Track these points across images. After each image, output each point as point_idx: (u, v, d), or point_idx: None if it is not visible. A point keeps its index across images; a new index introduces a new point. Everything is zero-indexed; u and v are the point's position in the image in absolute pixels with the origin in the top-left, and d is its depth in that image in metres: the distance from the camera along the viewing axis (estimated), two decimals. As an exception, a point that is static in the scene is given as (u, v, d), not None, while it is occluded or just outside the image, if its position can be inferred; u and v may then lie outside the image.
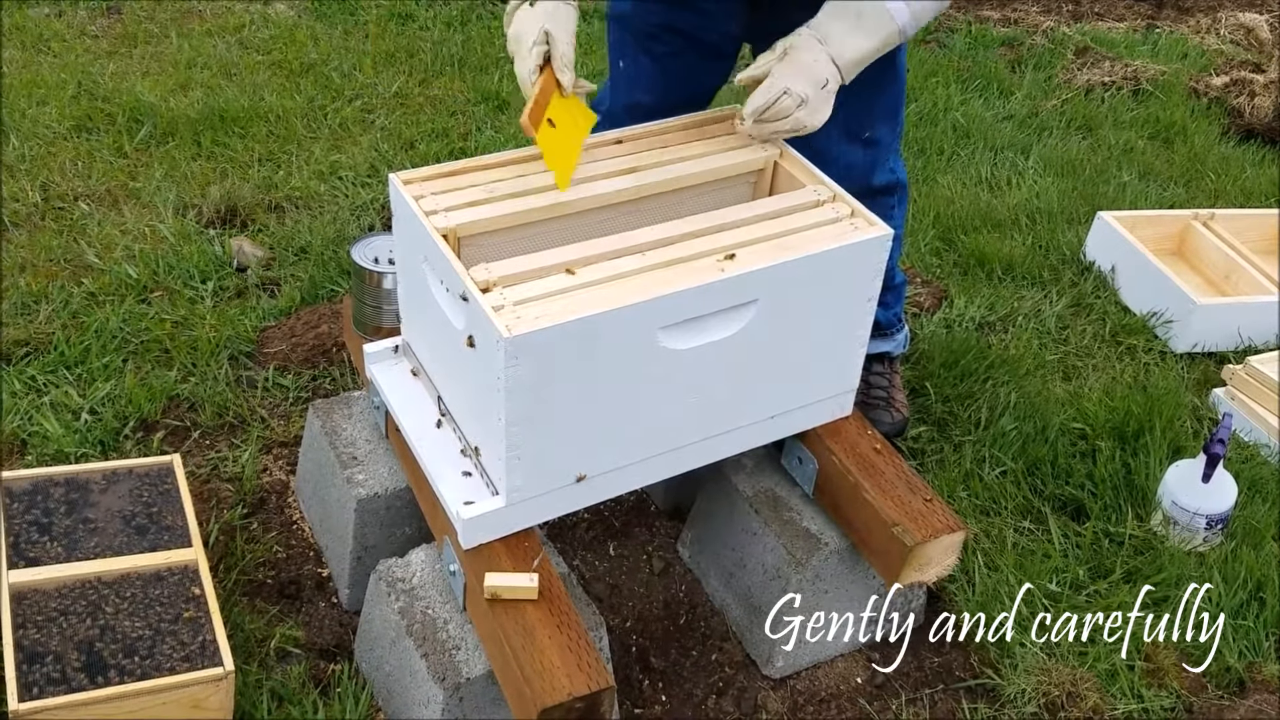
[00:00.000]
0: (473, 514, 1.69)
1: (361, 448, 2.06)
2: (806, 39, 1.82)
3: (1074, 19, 4.84)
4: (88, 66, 3.75)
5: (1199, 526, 2.24)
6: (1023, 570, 2.17)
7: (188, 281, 2.78)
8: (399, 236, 1.83)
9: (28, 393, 2.40)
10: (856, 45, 1.82)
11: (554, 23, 1.78)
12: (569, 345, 1.57)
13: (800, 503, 2.03)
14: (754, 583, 2.03)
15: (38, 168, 3.18)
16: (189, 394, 2.46)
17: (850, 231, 1.77)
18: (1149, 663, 2.04)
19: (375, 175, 3.28)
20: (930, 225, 3.24)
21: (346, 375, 2.54)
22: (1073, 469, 2.40)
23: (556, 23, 1.78)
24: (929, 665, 2.08)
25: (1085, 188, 3.52)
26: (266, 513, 2.23)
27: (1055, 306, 2.95)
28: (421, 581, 1.84)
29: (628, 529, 2.28)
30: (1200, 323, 2.83)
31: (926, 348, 2.73)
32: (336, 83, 3.78)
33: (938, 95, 4.01)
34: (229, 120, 3.46)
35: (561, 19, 1.80)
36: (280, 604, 2.07)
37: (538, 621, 1.64)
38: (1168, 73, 4.28)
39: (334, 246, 2.93)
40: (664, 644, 2.07)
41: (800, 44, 1.82)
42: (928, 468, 2.40)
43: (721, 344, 1.71)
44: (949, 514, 1.86)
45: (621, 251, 1.69)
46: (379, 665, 1.88)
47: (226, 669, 1.75)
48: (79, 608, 1.82)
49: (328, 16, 4.33)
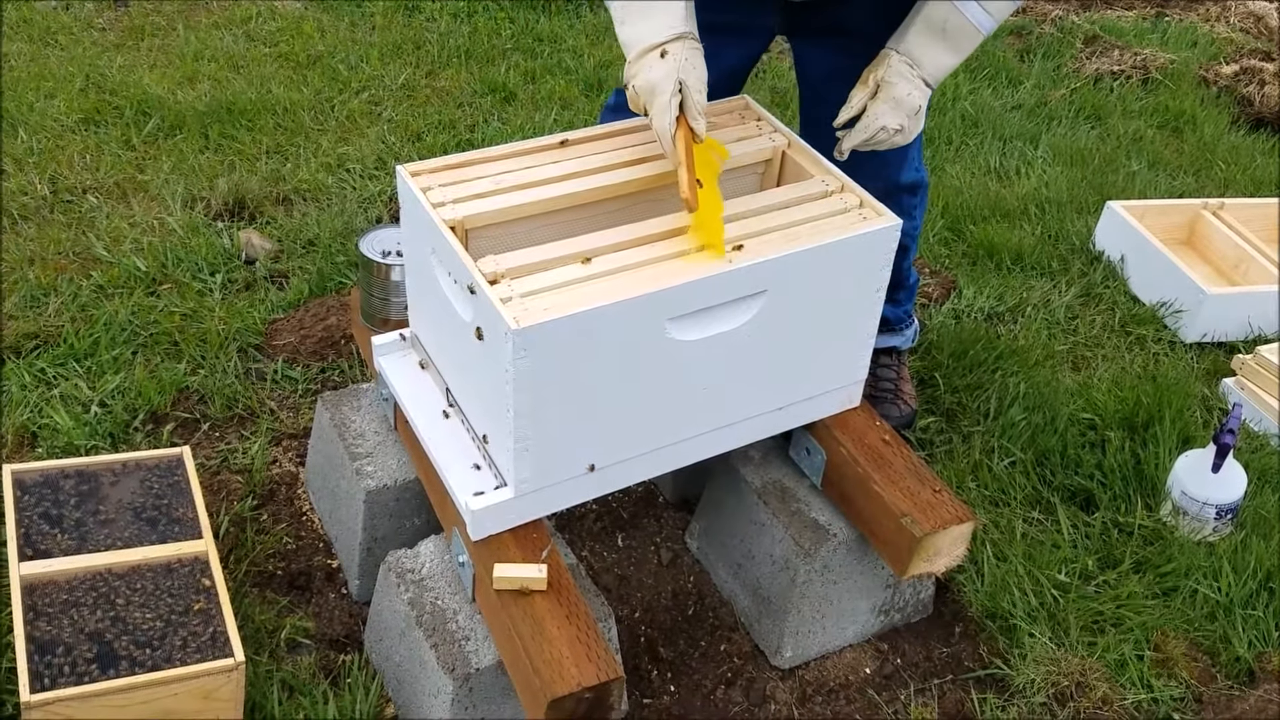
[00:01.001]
0: (481, 505, 1.69)
1: (370, 439, 2.06)
2: (897, 66, 1.81)
3: (1083, 7, 4.82)
4: (95, 59, 3.75)
5: (1209, 516, 2.23)
6: (1032, 560, 2.17)
7: (196, 274, 2.79)
8: (406, 228, 1.83)
9: (37, 385, 2.41)
10: (946, 64, 1.84)
11: (688, 72, 1.70)
12: (577, 337, 1.57)
13: (808, 494, 2.03)
14: (762, 574, 2.03)
15: (46, 161, 3.18)
16: (198, 386, 2.46)
17: (859, 222, 1.77)
18: (1158, 652, 2.04)
19: (382, 167, 3.28)
20: (939, 215, 3.23)
21: (355, 367, 2.54)
22: (1082, 459, 2.40)
23: (690, 72, 1.71)
24: (938, 655, 2.08)
25: (1094, 177, 3.51)
26: (276, 504, 2.24)
27: (1064, 296, 2.95)
28: (431, 572, 1.85)
29: (636, 520, 2.28)
30: (1210, 312, 2.82)
31: (935, 338, 2.72)
32: (343, 75, 3.78)
33: (946, 84, 3.99)
34: (236, 113, 3.47)
35: (696, 68, 1.72)
36: (290, 595, 2.07)
37: (546, 612, 1.64)
38: (1177, 61, 4.25)
39: (342, 239, 2.93)
40: (672, 635, 2.08)
41: (892, 76, 1.81)
42: (936, 458, 2.40)
43: (729, 335, 1.71)
44: (958, 504, 1.86)
45: (629, 243, 1.69)
46: (389, 656, 1.88)
47: (237, 660, 1.76)
48: (90, 599, 1.82)
49: (334, 8, 4.32)
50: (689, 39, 1.73)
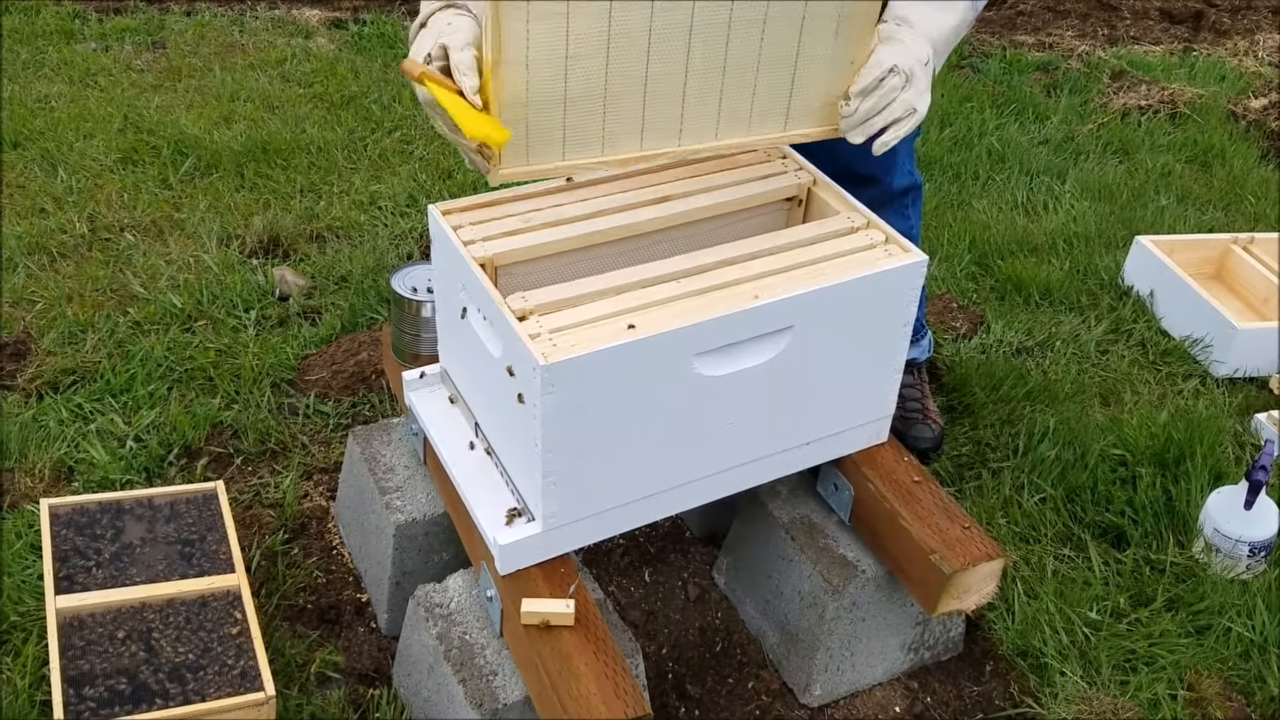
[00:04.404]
0: (509, 540, 1.70)
1: (400, 474, 2.08)
2: (892, 26, 1.78)
3: (1109, 43, 4.83)
4: (133, 100, 3.83)
5: (1242, 554, 2.21)
6: (1063, 598, 2.15)
7: (231, 310, 2.83)
8: (437, 265, 1.85)
9: (74, 420, 2.45)
10: (940, 21, 1.80)
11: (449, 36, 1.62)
12: (605, 372, 1.58)
13: (836, 529, 2.02)
14: (790, 610, 2.02)
15: (85, 199, 3.25)
16: (232, 421, 2.50)
17: (884, 258, 1.78)
18: (1192, 692, 2.01)
19: (414, 205, 3.33)
20: (966, 250, 3.23)
21: (385, 402, 2.57)
22: (1113, 495, 2.38)
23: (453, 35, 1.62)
24: (968, 694, 2.06)
25: (1123, 212, 3.50)
26: (307, 538, 2.26)
27: (1094, 331, 2.93)
28: (459, 607, 1.86)
29: (663, 555, 2.29)
30: (1241, 347, 2.80)
31: (963, 373, 2.72)
32: (376, 114, 3.84)
33: (973, 120, 4.01)
34: (271, 152, 3.53)
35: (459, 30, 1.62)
36: (320, 629, 2.09)
37: (574, 648, 1.65)
38: (1205, 95, 4.25)
39: (373, 275, 2.97)
40: (700, 671, 2.07)
41: (889, 31, 1.78)
42: (966, 494, 2.39)
43: (756, 370, 1.72)
44: (987, 541, 1.85)
45: (656, 279, 1.70)
46: (417, 690, 1.89)
47: (268, 694, 1.77)
48: (123, 632, 1.85)
49: (367, 50, 4.40)
50: (451, 9, 1.68)
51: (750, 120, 1.76)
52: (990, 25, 4.96)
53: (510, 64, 1.57)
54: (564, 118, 1.63)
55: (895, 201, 2.24)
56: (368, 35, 4.51)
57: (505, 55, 1.56)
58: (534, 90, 1.60)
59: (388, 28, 4.56)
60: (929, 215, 3.40)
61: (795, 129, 1.82)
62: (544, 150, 1.66)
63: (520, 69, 1.58)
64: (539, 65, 1.58)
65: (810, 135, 1.84)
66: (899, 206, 2.26)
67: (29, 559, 2.10)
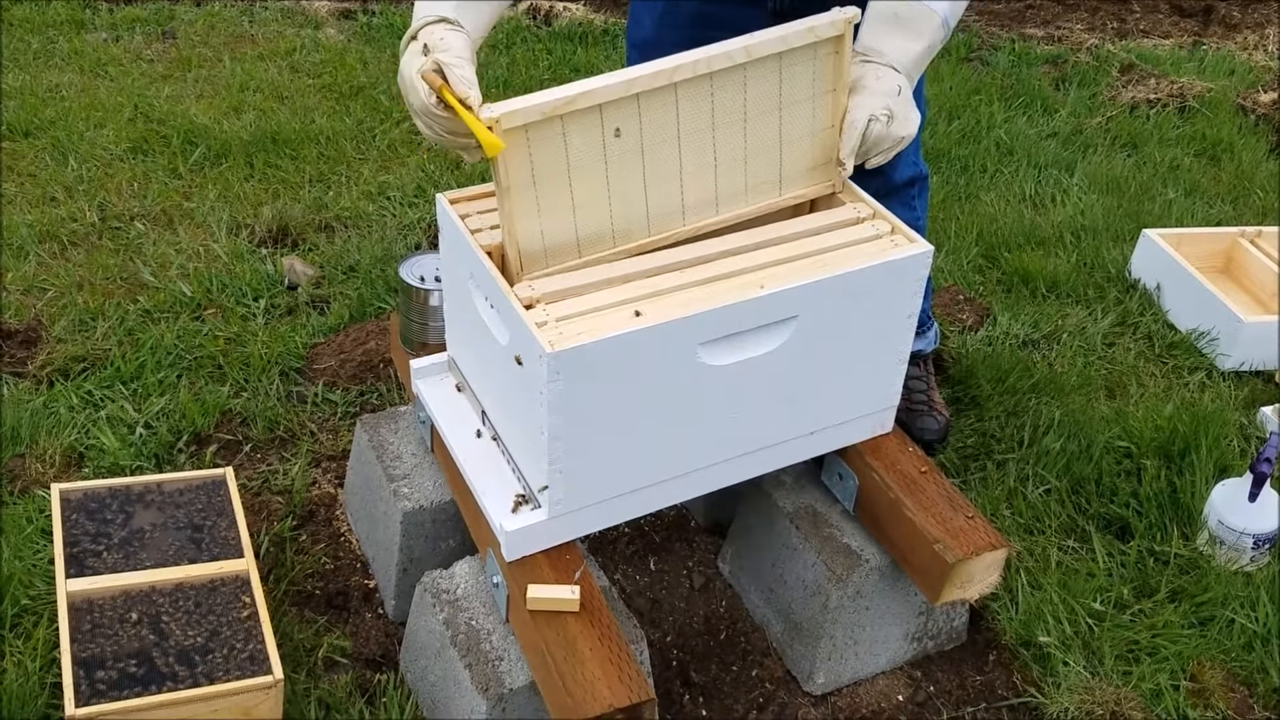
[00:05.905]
0: (515, 526, 1.72)
1: (407, 461, 2.10)
2: (858, 65, 1.81)
3: (1119, 36, 4.82)
4: (143, 90, 3.85)
5: (1246, 546, 2.22)
6: (1066, 589, 2.16)
7: (240, 299, 2.84)
8: (445, 254, 1.86)
9: (85, 407, 2.47)
10: (906, 48, 1.81)
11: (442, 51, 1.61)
12: (610, 361, 1.59)
13: (840, 519, 2.03)
14: (794, 599, 2.04)
15: (95, 188, 3.27)
16: (241, 409, 2.51)
17: (890, 249, 1.78)
18: (1194, 682, 2.02)
19: (422, 195, 3.34)
20: (973, 243, 3.23)
21: (393, 390, 2.58)
22: (1117, 487, 2.38)
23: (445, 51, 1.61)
24: (971, 683, 2.07)
25: (1130, 205, 3.50)
26: (315, 525, 2.28)
27: (1100, 324, 2.94)
28: (465, 593, 1.87)
29: (668, 544, 2.30)
30: (1247, 341, 2.80)
31: (970, 365, 2.72)
32: (385, 105, 3.85)
33: (981, 113, 4.01)
34: (280, 142, 3.54)
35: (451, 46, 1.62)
36: (328, 614, 2.10)
37: (579, 634, 1.66)
38: (1214, 89, 4.24)
39: (382, 265, 2.98)
40: (704, 659, 2.09)
41: (856, 72, 1.80)
42: (970, 485, 2.40)
43: (761, 360, 1.73)
44: (991, 531, 1.86)
45: (662, 269, 1.71)
46: (424, 675, 1.91)
47: (276, 677, 1.79)
48: (134, 616, 1.86)
49: (376, 40, 4.41)
50: (441, 24, 1.67)
51: (746, 194, 1.83)
52: (999, 18, 4.95)
53: (519, 187, 1.63)
54: (574, 221, 1.71)
55: (900, 192, 2.25)
56: (377, 26, 4.52)
57: (512, 180, 1.62)
58: (544, 204, 1.67)
59: (397, 18, 4.56)
60: (936, 208, 3.40)
61: (790, 191, 1.87)
62: (560, 253, 1.72)
63: (528, 189, 1.64)
64: (545, 181, 1.65)
65: (806, 195, 1.88)
66: (904, 197, 2.27)
67: (40, 543, 2.12)
